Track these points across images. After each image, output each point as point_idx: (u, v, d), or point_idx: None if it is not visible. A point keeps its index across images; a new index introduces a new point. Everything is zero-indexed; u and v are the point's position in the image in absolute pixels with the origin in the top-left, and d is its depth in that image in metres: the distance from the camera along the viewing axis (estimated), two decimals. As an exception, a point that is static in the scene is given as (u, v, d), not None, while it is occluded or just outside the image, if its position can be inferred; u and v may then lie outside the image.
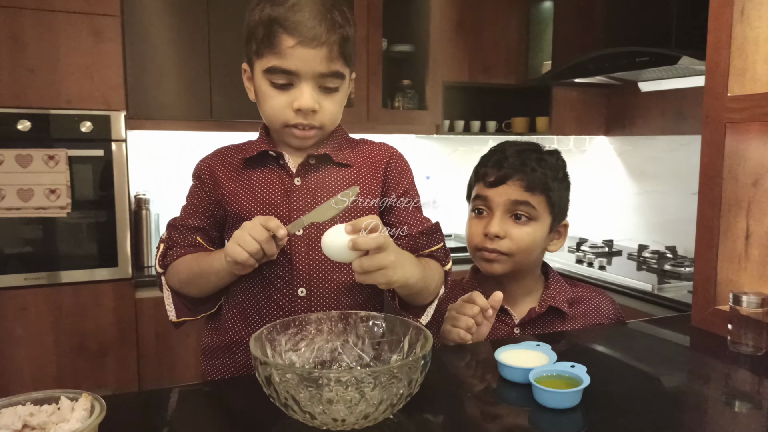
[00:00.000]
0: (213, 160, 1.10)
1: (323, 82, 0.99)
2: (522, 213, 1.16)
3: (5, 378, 2.20)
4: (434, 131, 3.01)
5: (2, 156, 2.11)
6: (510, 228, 1.16)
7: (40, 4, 2.15)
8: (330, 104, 1.01)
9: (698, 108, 2.62)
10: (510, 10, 3.08)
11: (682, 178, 2.72)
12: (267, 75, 0.98)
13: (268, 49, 0.96)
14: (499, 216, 1.17)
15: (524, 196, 1.16)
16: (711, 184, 1.16)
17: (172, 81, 2.51)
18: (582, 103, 3.05)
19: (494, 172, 1.18)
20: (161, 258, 1.07)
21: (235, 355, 1.05)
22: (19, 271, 2.20)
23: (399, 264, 0.88)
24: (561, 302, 1.20)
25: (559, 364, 0.87)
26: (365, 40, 2.81)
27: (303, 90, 0.98)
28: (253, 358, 0.72)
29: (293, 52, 0.95)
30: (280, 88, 0.99)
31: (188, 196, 1.11)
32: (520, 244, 1.16)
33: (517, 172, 1.16)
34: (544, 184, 1.17)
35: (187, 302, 1.06)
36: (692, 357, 1.10)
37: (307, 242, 1.02)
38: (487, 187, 1.18)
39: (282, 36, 0.95)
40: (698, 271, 1.20)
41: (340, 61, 0.99)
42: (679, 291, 2.17)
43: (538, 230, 1.17)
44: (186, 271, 1.03)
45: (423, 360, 0.73)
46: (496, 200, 1.17)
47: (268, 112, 1.02)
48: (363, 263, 0.84)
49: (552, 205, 1.18)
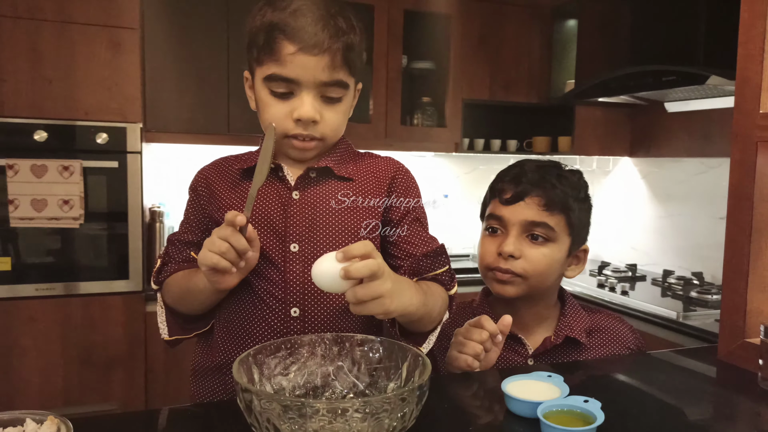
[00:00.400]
0: (210, 171, 1.06)
1: (325, 91, 0.94)
2: (539, 234, 1.09)
3: (12, 389, 2.18)
4: (453, 149, 2.96)
5: (18, 166, 2.11)
6: (525, 248, 1.09)
7: (60, 16, 2.17)
8: (332, 115, 0.96)
9: (726, 130, 2.52)
10: (532, 28, 3.03)
11: (710, 202, 2.62)
12: (267, 83, 0.94)
13: (268, 55, 0.92)
14: (514, 235, 1.09)
15: (542, 216, 1.08)
16: (740, 207, 1.08)
17: (190, 94, 2.51)
18: (606, 123, 2.98)
19: (511, 189, 1.11)
20: (156, 274, 1.04)
21: (225, 376, 1.00)
22: (29, 281, 2.19)
23: (396, 292, 0.81)
24: (578, 332, 1.12)
25: (571, 398, 0.80)
26: (385, 57, 2.78)
27: (303, 99, 0.93)
28: (235, 382, 0.67)
29: (294, 59, 0.91)
30: (280, 97, 0.94)
31: (185, 210, 1.08)
32: (536, 266, 1.08)
33: (535, 189, 1.09)
34: (564, 203, 1.09)
35: (180, 320, 1.02)
36: (718, 394, 1.01)
37: (303, 258, 0.97)
38: (503, 205, 1.11)
39: (282, 42, 0.91)
40: (726, 301, 1.11)
41: (343, 70, 0.94)
42: (706, 319, 2.07)
43: (555, 252, 1.10)
44: (176, 288, 1.00)
45: (419, 391, 0.67)
46: (511, 219, 1.10)
47: (267, 122, 0.97)
48: (357, 292, 0.78)
49: (571, 226, 1.10)
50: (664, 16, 2.42)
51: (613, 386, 0.98)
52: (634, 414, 0.85)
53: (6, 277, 2.16)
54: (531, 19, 3.02)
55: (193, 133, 2.52)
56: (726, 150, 2.50)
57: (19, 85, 2.15)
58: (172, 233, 1.08)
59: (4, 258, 2.15)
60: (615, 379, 1.02)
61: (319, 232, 0.98)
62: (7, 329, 2.17)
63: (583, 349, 1.12)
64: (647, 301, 2.26)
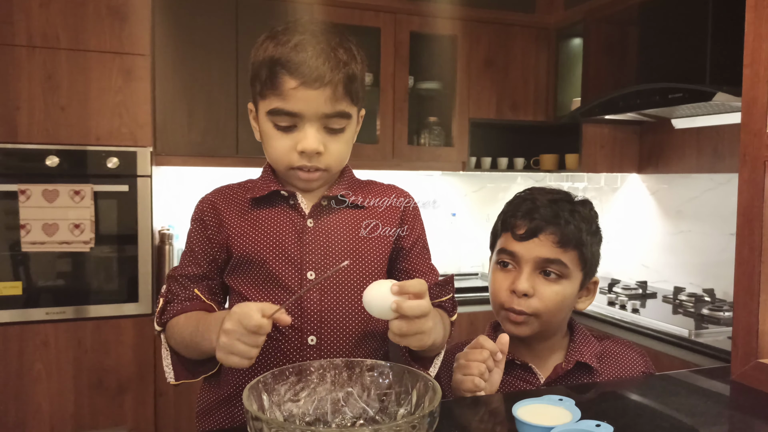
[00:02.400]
0: (216, 198, 1.05)
1: (328, 123, 0.95)
2: (552, 270, 1.07)
3: (24, 413, 2.18)
4: (460, 168, 2.97)
5: (30, 191, 2.14)
6: (539, 285, 1.07)
7: (74, 44, 2.21)
8: (336, 145, 0.98)
9: (736, 145, 2.52)
10: (539, 47, 3.05)
11: (721, 218, 2.60)
12: (270, 117, 0.95)
13: (271, 90, 0.94)
14: (527, 272, 1.07)
15: (556, 254, 1.06)
16: (750, 227, 1.08)
17: (199, 118, 2.54)
18: (613, 140, 2.98)
19: (524, 224, 1.08)
20: (159, 315, 1.01)
21: (233, 408, 0.99)
22: (41, 305, 2.21)
23: (434, 328, 0.86)
24: (589, 357, 1.11)
25: (582, 423, 0.80)
26: (392, 78, 2.81)
27: (307, 132, 0.94)
28: (245, 411, 0.67)
29: (296, 93, 0.92)
30: (283, 130, 0.96)
31: (187, 241, 1.05)
32: (548, 304, 1.07)
33: (549, 225, 1.07)
34: (578, 239, 1.07)
35: (187, 363, 0.99)
36: (732, 416, 1.00)
37: (319, 286, 0.97)
38: (516, 240, 1.09)
39: (284, 77, 0.92)
40: (738, 321, 1.11)
41: (345, 101, 0.95)
42: (718, 337, 2.05)
43: (567, 288, 1.09)
44: (181, 334, 0.96)
45: (429, 417, 0.67)
46: (525, 256, 1.07)
47: (272, 155, 0.99)
48: (403, 327, 0.82)
49: (584, 261, 1.09)
50: (669, 34, 2.43)
51: (625, 409, 0.97)
52: (647, 438, 0.84)
53: (17, 301, 2.18)
54: (536, 39, 3.05)
55: (203, 156, 2.55)
56: (735, 166, 2.50)
57: (33, 112, 2.18)
58: (173, 268, 1.06)
59: (16, 282, 2.17)
60: (627, 402, 1.01)
61: (334, 260, 0.99)
62: (18, 353, 2.18)
63: (594, 375, 1.11)
64: (658, 319, 2.24)
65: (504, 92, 3.01)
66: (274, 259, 0.98)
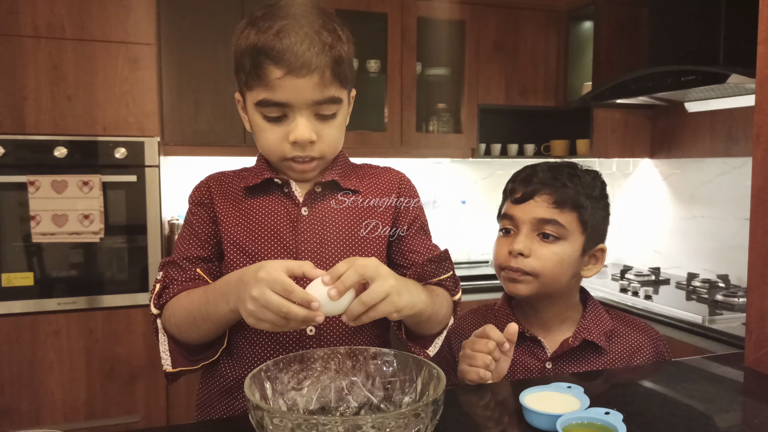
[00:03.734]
0: (212, 183, 1.03)
1: (318, 110, 0.92)
2: (550, 232, 1.08)
3: (36, 402, 2.21)
4: (470, 155, 2.95)
5: (39, 182, 2.15)
6: (536, 246, 1.08)
7: (80, 34, 2.21)
8: (328, 131, 0.94)
9: (750, 128, 2.47)
10: (548, 30, 3.01)
11: (735, 203, 2.56)
12: (259, 108, 0.92)
13: (256, 81, 0.90)
14: (524, 233, 1.09)
15: (552, 214, 1.07)
16: (764, 209, 1.05)
17: (206, 107, 2.53)
18: (625, 125, 2.93)
19: (521, 188, 1.11)
20: (157, 297, 0.95)
21: (234, 401, 0.97)
22: (52, 295, 2.22)
23: (403, 288, 0.82)
24: (597, 335, 1.10)
25: (591, 411, 0.78)
26: (399, 64, 2.78)
27: (298, 122, 0.91)
28: (246, 399, 0.66)
29: (283, 83, 0.88)
30: (273, 121, 0.92)
31: (186, 225, 1.02)
32: (546, 263, 1.07)
33: (545, 187, 1.09)
34: (575, 201, 1.08)
35: (185, 350, 0.94)
36: (746, 404, 0.98)
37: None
38: (514, 204, 1.11)
39: (269, 67, 0.88)
40: (752, 307, 1.08)
41: (334, 85, 0.91)
42: (732, 323, 2.02)
43: (567, 250, 1.08)
44: (184, 311, 0.90)
45: (434, 405, 0.66)
46: (522, 218, 1.10)
47: (264, 146, 0.96)
48: (363, 299, 0.78)
49: (584, 223, 1.09)
50: (682, 16, 2.38)
51: (635, 397, 0.96)
52: (657, 426, 0.82)
53: (29, 291, 2.20)
54: (546, 23, 3.00)
55: (210, 146, 2.54)
56: (750, 149, 2.45)
57: (40, 103, 2.19)
58: (169, 257, 1.01)
59: (27, 273, 2.19)
60: (637, 389, 0.99)
61: (330, 248, 0.97)
62: (31, 343, 2.20)
63: (602, 354, 1.10)
64: (671, 306, 2.21)
65: (513, 77, 2.97)
66: (269, 250, 0.96)
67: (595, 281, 2.69)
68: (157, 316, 0.95)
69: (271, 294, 0.74)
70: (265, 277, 0.75)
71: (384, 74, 2.79)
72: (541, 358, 1.11)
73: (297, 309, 0.75)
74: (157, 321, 0.95)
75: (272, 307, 0.74)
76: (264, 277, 0.75)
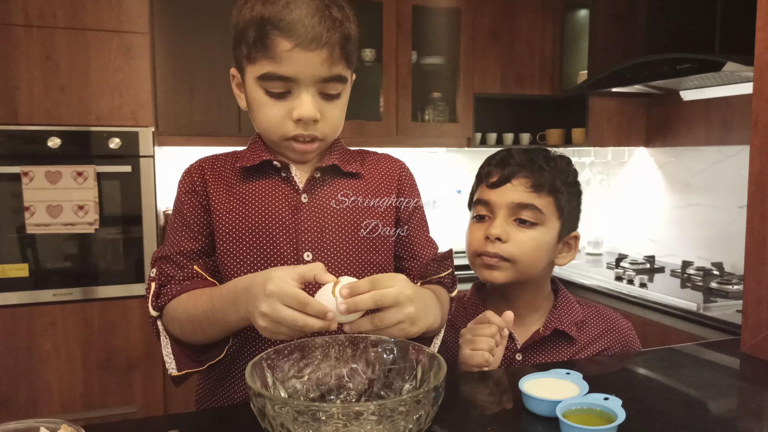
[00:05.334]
0: (205, 166, 0.97)
1: (324, 88, 0.88)
2: (527, 218, 1.06)
3: (34, 393, 2.20)
4: (465, 144, 2.94)
5: (32, 173, 2.13)
6: (513, 232, 1.05)
7: (72, 23, 2.18)
8: (333, 111, 0.91)
9: (746, 117, 2.47)
10: (545, 19, 3.00)
11: (730, 191, 2.57)
12: (261, 82, 0.87)
13: (261, 53, 0.85)
14: (501, 218, 1.06)
15: (530, 198, 1.05)
16: (762, 196, 1.05)
17: (200, 97, 2.51)
18: (620, 114, 2.94)
19: (497, 171, 1.08)
20: (154, 298, 0.90)
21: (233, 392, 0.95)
22: (48, 286, 2.21)
23: (421, 315, 0.80)
24: (568, 325, 1.09)
25: (590, 396, 0.79)
26: (395, 53, 2.77)
27: (302, 98, 0.87)
28: (248, 387, 0.66)
29: (290, 56, 0.84)
30: (276, 97, 0.88)
31: (177, 214, 0.96)
32: (524, 248, 1.05)
33: (522, 170, 1.06)
34: (552, 185, 1.06)
35: (190, 351, 0.90)
36: (743, 388, 0.99)
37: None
38: (489, 188, 1.08)
39: (277, 38, 0.84)
40: (748, 292, 1.09)
41: (341, 63, 0.88)
42: (727, 310, 2.03)
43: (544, 235, 1.06)
44: (187, 315, 0.86)
45: (434, 392, 0.66)
46: (498, 202, 1.06)
47: (264, 124, 0.91)
48: (374, 321, 0.78)
49: (560, 209, 1.07)
50: (678, 4, 2.37)
51: (633, 383, 0.96)
52: (655, 411, 0.83)
53: (24, 283, 2.19)
54: (542, 11, 2.99)
55: (205, 135, 2.53)
56: (745, 138, 2.46)
57: (33, 93, 2.16)
58: (160, 249, 0.95)
59: (22, 264, 2.18)
60: (635, 376, 1.00)
61: (330, 238, 0.94)
62: (27, 335, 2.19)
63: (573, 344, 1.09)
64: (667, 293, 2.23)
65: (509, 66, 2.97)
66: (269, 239, 0.91)
67: (590, 270, 2.70)
68: (158, 318, 0.91)
69: (283, 309, 0.73)
70: (276, 291, 0.73)
71: (379, 63, 2.77)
72: (511, 349, 1.09)
73: (313, 321, 0.74)
74: (157, 323, 0.91)
75: (287, 323, 0.73)
76: (274, 291, 0.73)
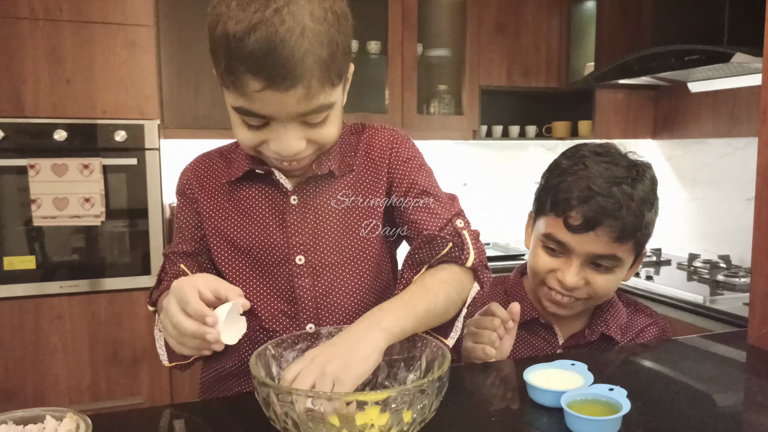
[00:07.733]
0: (197, 167, 0.98)
1: (306, 119, 0.79)
2: (606, 265, 1.01)
3: (41, 386, 2.22)
4: (471, 137, 2.93)
5: (39, 165, 2.14)
6: (589, 275, 1.01)
7: (78, 16, 2.18)
8: (321, 132, 0.82)
9: (754, 108, 2.45)
10: (551, 10, 2.97)
11: (737, 184, 2.55)
12: (237, 112, 0.79)
13: (233, 89, 0.76)
14: (576, 266, 1.00)
15: (612, 249, 0.98)
16: (769, 188, 1.04)
17: (206, 90, 2.51)
18: (627, 106, 2.92)
19: (579, 215, 0.96)
20: (149, 294, 0.95)
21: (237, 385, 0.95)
22: (55, 279, 2.22)
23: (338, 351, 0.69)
24: (614, 329, 1.09)
25: (595, 387, 0.79)
26: (400, 46, 2.76)
27: (280, 133, 0.78)
28: (253, 377, 0.66)
29: (263, 96, 0.74)
30: (254, 129, 0.80)
31: (175, 215, 0.98)
32: (599, 291, 1.02)
33: (608, 219, 0.95)
34: (636, 227, 0.97)
35: None
36: (749, 380, 0.99)
37: (312, 271, 0.89)
38: (569, 231, 0.98)
39: (244, 76, 0.73)
40: (756, 285, 1.08)
41: (323, 92, 0.77)
42: (733, 303, 2.02)
43: (620, 275, 1.03)
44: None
45: (439, 382, 0.66)
46: (577, 249, 0.99)
47: (242, 145, 0.85)
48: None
49: (640, 246, 1.03)
50: (685, -6, 2.35)
51: (638, 374, 0.96)
52: (660, 402, 0.83)
53: (31, 275, 2.20)
54: (548, 3, 2.97)
55: (211, 128, 2.53)
56: (753, 130, 2.44)
57: (39, 86, 2.17)
58: (168, 247, 0.98)
59: (29, 257, 2.19)
60: (641, 367, 0.99)
61: (324, 238, 0.90)
62: (35, 327, 2.20)
63: (614, 344, 1.09)
64: (673, 286, 2.22)
65: (515, 58, 2.95)
66: (258, 245, 0.90)
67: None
68: (154, 312, 0.93)
69: (171, 304, 0.72)
70: (175, 288, 0.72)
71: (384, 56, 2.76)
72: (552, 344, 1.10)
73: (186, 322, 0.70)
74: (156, 316, 0.92)
75: (168, 315, 0.72)
76: (174, 288, 0.72)
